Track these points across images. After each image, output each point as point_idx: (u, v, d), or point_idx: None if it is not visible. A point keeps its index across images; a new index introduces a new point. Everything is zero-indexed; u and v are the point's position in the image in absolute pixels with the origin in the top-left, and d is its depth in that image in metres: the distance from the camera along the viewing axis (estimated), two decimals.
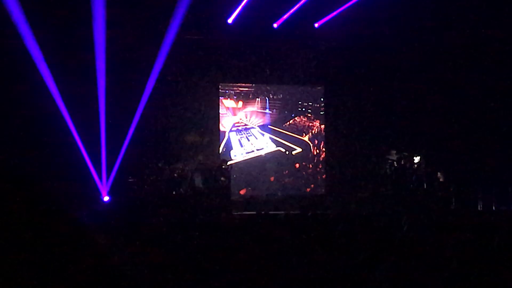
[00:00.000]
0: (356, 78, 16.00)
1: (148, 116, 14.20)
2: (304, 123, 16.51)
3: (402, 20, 14.93)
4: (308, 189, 16.40)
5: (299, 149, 16.34)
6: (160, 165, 14.31)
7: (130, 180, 14.07)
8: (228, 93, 15.87)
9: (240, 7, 14.55)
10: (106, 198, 13.76)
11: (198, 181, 14.45)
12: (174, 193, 14.07)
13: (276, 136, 16.22)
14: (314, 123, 16.56)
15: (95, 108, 13.50)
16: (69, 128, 13.36)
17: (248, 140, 15.99)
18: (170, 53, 13.88)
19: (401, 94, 15.84)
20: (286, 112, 16.37)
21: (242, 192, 15.84)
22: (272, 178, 16.20)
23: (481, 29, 14.48)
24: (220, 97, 15.79)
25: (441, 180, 14.30)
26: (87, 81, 13.37)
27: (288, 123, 16.38)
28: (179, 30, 13.68)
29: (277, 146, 16.18)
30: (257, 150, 16.04)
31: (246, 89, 16.06)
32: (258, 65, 15.66)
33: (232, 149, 15.86)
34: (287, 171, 16.34)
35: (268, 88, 16.21)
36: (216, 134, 15.69)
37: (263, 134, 16.12)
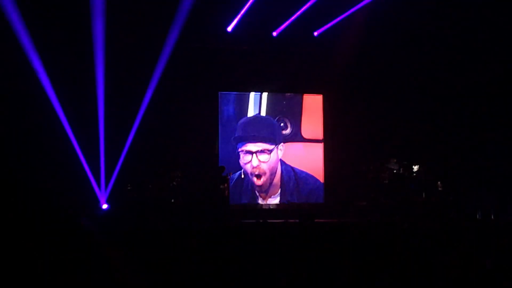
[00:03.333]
0: (355, 87, 16.01)
1: (147, 124, 14.19)
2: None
3: (402, 29, 14.97)
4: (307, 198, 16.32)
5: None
6: (159, 173, 14.29)
7: (128, 188, 14.05)
8: None
9: (239, 16, 14.58)
10: (104, 206, 13.74)
11: (197, 189, 14.44)
12: (173, 201, 14.05)
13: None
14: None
15: (94, 116, 13.51)
16: (68, 136, 13.37)
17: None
18: (170, 61, 13.90)
19: (401, 103, 15.84)
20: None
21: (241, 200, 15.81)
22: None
23: (481, 41, 14.51)
24: None
25: (440, 189, 14.29)
26: (86, 89, 13.40)
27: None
28: (179, 38, 13.71)
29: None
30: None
31: None
32: (257, 73, 15.66)
33: None
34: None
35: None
36: (215, 141, 15.66)
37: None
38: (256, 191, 15.66)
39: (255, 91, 16.00)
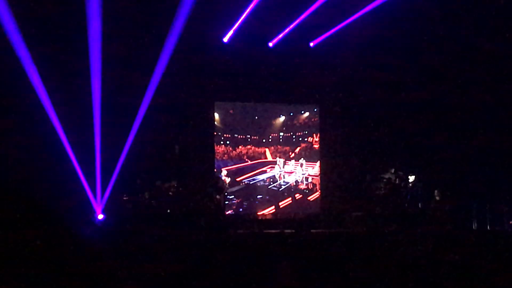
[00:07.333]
0: (350, 97, 16.04)
1: (143, 134, 14.18)
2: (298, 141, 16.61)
3: (397, 40, 15.01)
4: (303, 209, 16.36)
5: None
6: (155, 183, 14.26)
7: (124, 198, 14.01)
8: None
9: (235, 26, 14.62)
10: (100, 216, 13.69)
11: (193, 198, 14.43)
12: (168, 211, 14.02)
13: None
14: (309, 141, 16.61)
15: (90, 125, 13.48)
16: (64, 146, 13.33)
17: None
18: (166, 71, 13.90)
19: (397, 113, 15.86)
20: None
21: (237, 209, 15.85)
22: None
23: (478, 50, 14.55)
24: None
25: (436, 199, 14.29)
26: (82, 98, 13.37)
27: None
28: (175, 49, 13.72)
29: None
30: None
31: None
32: (253, 83, 15.69)
33: None
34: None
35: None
36: (211, 152, 15.67)
37: None
38: None
39: (250, 102, 16.08)
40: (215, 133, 15.88)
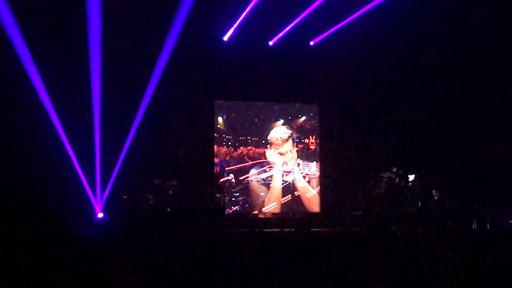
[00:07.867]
0: (350, 96, 16.04)
1: (143, 133, 14.18)
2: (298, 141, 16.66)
3: (397, 39, 15.01)
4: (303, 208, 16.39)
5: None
6: (154, 182, 14.26)
7: (124, 197, 14.01)
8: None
9: (235, 25, 14.62)
10: (100, 215, 13.69)
11: (193, 197, 14.42)
12: (168, 210, 14.02)
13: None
14: (305, 143, 16.67)
15: (90, 124, 13.48)
16: (63, 145, 13.33)
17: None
18: (165, 70, 13.91)
19: (396, 113, 15.86)
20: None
21: (243, 206, 15.91)
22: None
23: (478, 52, 14.54)
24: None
25: (435, 198, 14.28)
26: (82, 97, 13.37)
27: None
28: (175, 47, 13.71)
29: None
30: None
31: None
32: (253, 82, 15.68)
33: None
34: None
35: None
36: (210, 150, 15.67)
37: None
38: None
39: (250, 101, 16.10)
40: (216, 135, 15.91)
